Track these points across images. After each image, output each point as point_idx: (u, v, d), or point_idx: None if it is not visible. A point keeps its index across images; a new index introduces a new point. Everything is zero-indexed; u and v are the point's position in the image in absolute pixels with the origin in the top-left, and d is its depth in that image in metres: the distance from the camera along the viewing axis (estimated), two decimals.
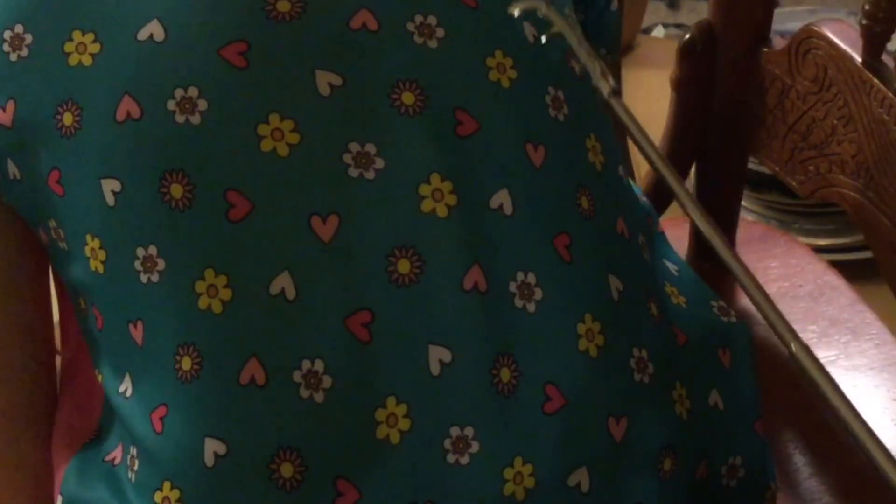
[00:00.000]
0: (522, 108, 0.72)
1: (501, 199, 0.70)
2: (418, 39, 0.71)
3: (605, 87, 0.63)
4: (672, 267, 0.86)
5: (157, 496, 0.68)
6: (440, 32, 0.71)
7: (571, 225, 0.72)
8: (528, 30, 0.74)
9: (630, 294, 0.74)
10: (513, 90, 0.72)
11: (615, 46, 0.93)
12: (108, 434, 0.75)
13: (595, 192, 0.74)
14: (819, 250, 1.35)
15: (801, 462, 0.97)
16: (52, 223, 0.72)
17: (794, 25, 1.13)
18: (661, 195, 1.15)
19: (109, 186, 0.69)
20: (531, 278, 0.70)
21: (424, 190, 0.69)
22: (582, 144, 0.74)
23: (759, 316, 1.11)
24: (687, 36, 1.06)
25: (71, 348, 0.83)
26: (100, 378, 0.74)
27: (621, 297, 0.73)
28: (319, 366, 0.67)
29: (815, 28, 0.95)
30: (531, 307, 0.70)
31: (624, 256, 0.75)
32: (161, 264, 0.68)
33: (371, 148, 0.69)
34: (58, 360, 0.84)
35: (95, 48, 0.69)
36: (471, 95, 0.71)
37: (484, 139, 0.70)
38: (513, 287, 0.70)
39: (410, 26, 0.71)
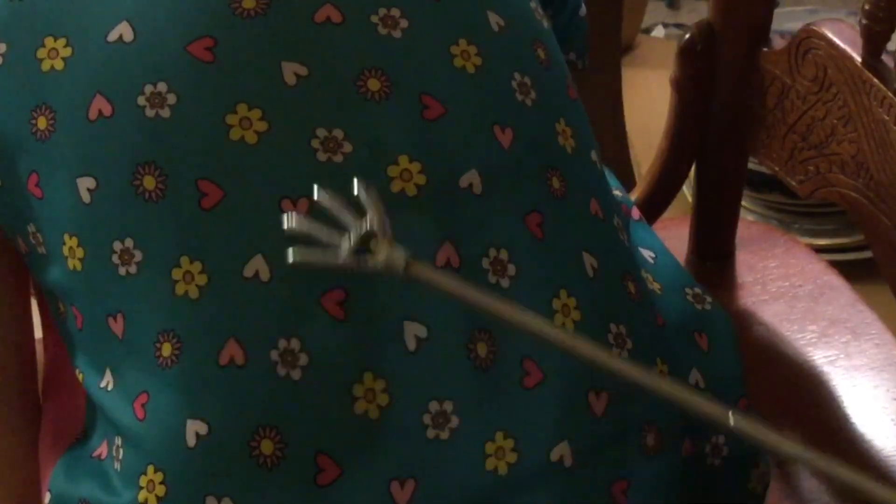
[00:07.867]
0: (488, 92, 0.73)
1: (471, 178, 0.71)
2: (382, 30, 0.72)
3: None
4: (648, 254, 0.86)
5: (142, 480, 0.69)
6: (404, 23, 0.72)
7: (542, 203, 0.73)
8: (493, 19, 0.75)
9: (606, 272, 0.74)
10: (478, 75, 0.73)
11: (585, 52, 0.94)
12: (93, 432, 0.76)
13: (566, 174, 0.75)
14: (819, 250, 1.35)
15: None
16: (32, 228, 0.73)
17: (794, 25, 1.13)
18: (662, 193, 1.16)
19: (85, 184, 0.70)
20: (503, 255, 0.71)
21: (393, 171, 0.70)
22: (551, 128, 0.75)
23: (759, 315, 1.11)
24: (687, 36, 1.06)
25: (52, 353, 0.84)
26: (80, 377, 0.74)
27: (597, 275, 0.73)
28: (295, 344, 0.68)
29: (815, 28, 0.95)
30: (505, 283, 0.71)
31: (598, 235, 0.76)
32: (138, 256, 0.69)
33: (338, 133, 0.70)
34: (40, 367, 0.84)
35: (67, 52, 0.71)
36: (436, 81, 0.72)
37: (451, 122, 0.72)
38: (485, 263, 0.70)
39: (374, 18, 0.72)
